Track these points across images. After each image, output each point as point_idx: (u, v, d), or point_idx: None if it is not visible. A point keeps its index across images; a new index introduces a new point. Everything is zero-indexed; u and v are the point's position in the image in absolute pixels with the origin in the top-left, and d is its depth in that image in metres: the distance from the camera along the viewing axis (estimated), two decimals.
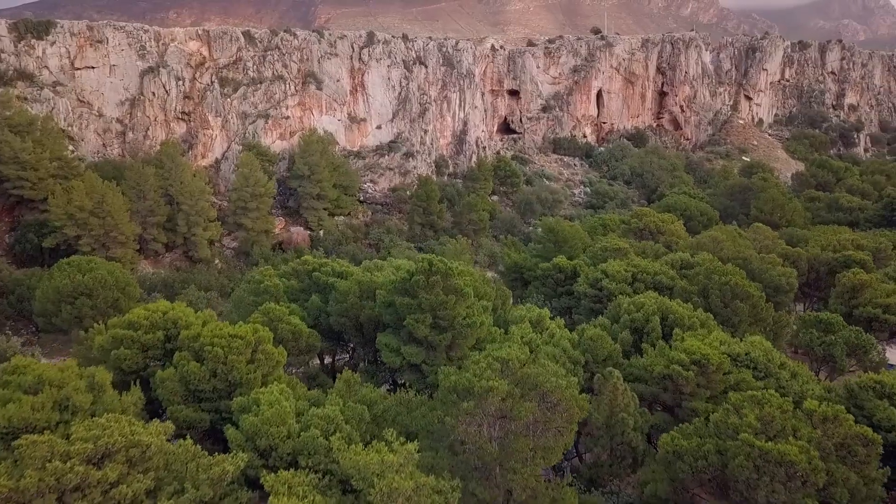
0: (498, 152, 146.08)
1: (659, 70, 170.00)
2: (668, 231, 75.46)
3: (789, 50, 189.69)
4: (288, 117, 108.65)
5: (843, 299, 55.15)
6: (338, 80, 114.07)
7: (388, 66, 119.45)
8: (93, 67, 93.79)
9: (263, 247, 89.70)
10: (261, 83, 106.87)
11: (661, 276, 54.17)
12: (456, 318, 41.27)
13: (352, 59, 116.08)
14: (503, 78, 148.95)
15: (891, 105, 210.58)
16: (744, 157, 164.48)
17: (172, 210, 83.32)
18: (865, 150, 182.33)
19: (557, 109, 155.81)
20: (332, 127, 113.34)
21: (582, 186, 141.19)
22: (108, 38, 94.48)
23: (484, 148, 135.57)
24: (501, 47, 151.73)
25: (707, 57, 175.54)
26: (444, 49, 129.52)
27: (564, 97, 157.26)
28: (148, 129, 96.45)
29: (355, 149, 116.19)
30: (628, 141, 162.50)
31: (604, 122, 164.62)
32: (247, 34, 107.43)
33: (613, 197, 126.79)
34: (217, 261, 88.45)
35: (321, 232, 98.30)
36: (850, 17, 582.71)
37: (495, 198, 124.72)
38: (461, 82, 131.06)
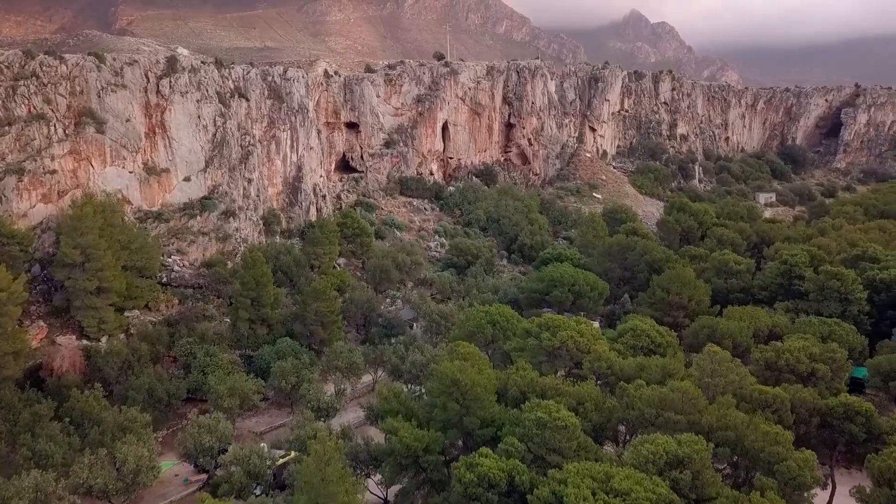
0: (339, 196, 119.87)
1: (505, 100, 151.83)
2: (592, 352, 54.42)
3: (627, 80, 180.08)
4: (55, 171, 75.49)
5: (889, 498, 36.47)
6: (127, 120, 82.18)
7: (198, 100, 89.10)
8: None
9: (8, 377, 57.54)
10: (10, 125, 72.95)
11: None
12: None
13: (147, 91, 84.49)
14: (340, 109, 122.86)
15: (711, 133, 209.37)
16: (594, 194, 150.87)
17: None
18: (700, 181, 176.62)
19: (402, 144, 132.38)
20: (120, 182, 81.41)
21: (437, 237, 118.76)
22: None
23: (323, 196, 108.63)
24: (336, 73, 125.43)
25: (552, 86, 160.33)
26: (270, 78, 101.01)
27: (409, 130, 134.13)
28: None
29: (155, 208, 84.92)
30: (477, 178, 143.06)
31: (450, 158, 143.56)
32: None
33: (477, 255, 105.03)
34: None
35: (104, 340, 67.24)
36: (642, 40, 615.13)
37: (342, 261, 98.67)
38: (293, 118, 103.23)
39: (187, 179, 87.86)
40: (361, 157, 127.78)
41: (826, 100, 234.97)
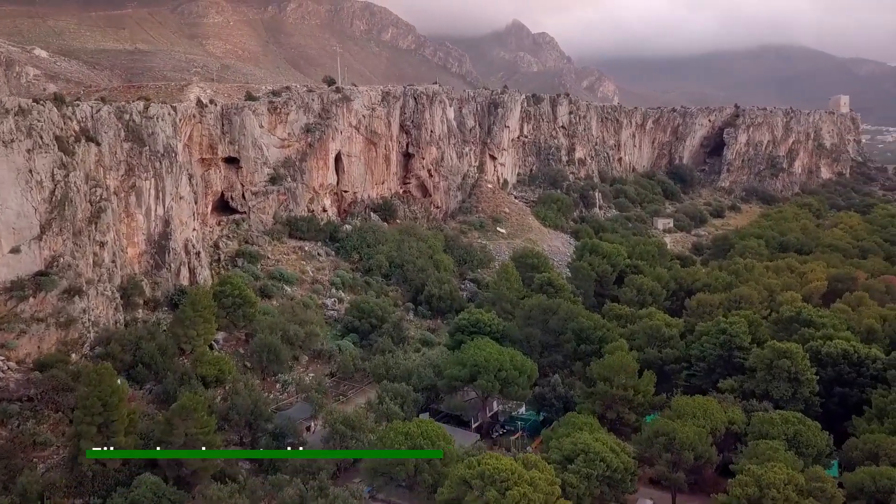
0: (216, 244, 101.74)
1: (403, 128, 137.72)
2: None
3: (526, 104, 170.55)
4: None
5: None
6: None
7: (30, 149, 68.95)
8: None
9: None
10: None
11: None
12: None
13: None
14: (217, 142, 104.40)
15: (606, 154, 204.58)
16: (499, 229, 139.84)
17: None
18: (600, 208, 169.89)
19: (289, 179, 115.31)
20: None
21: (334, 290, 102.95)
22: None
23: (198, 253, 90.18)
24: (212, 101, 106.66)
25: (451, 113, 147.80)
26: (128, 116, 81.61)
27: (297, 163, 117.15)
28: None
29: None
30: (376, 214, 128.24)
31: (345, 192, 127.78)
32: None
33: (382, 317, 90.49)
34: None
35: None
36: (524, 49, 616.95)
37: (221, 336, 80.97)
38: (157, 164, 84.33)
39: (15, 251, 67.61)
40: (243, 196, 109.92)
41: (709, 120, 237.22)
